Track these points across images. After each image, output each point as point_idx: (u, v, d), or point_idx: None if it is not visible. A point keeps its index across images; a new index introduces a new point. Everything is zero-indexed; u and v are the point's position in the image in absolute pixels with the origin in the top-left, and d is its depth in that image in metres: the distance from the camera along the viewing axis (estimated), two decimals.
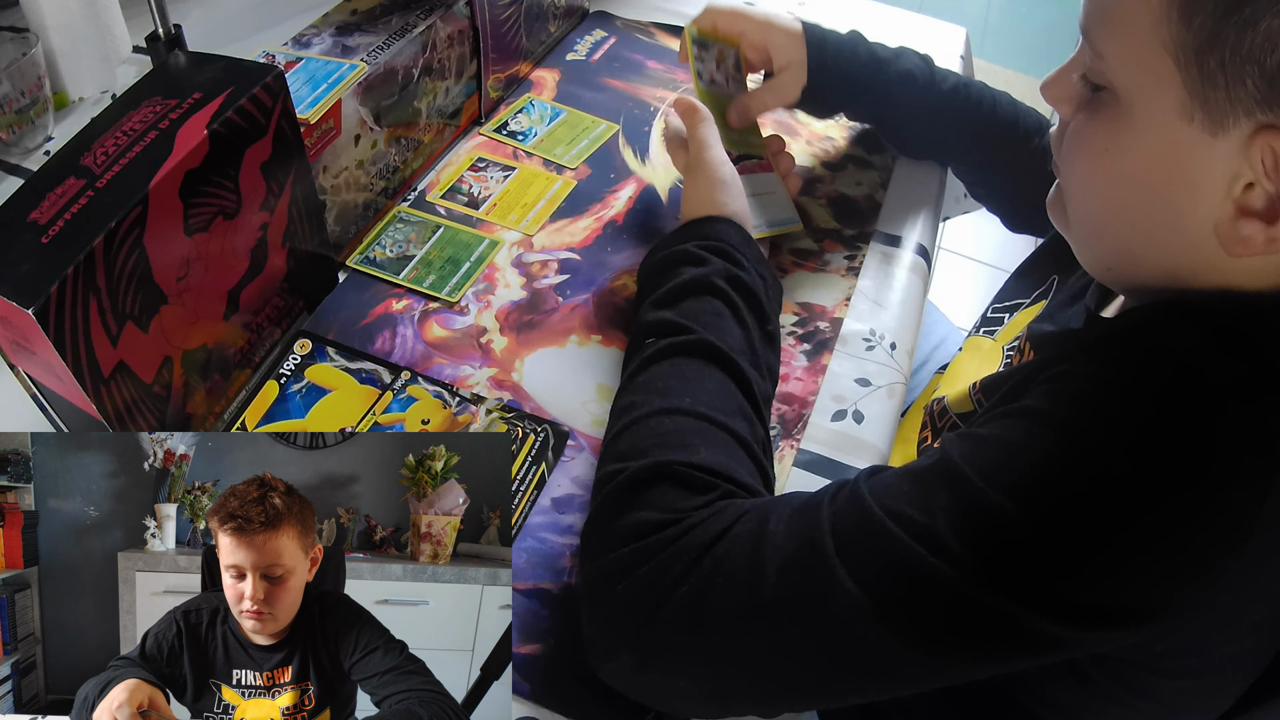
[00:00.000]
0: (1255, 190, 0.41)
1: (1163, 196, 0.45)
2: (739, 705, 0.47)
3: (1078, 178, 0.51)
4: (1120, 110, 0.45)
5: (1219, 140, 0.41)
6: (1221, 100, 0.40)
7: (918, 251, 0.84)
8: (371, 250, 0.78)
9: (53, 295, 0.46)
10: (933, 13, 1.11)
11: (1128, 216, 0.48)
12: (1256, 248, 0.42)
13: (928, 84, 0.82)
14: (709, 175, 0.70)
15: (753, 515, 0.46)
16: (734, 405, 0.55)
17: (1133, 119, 0.45)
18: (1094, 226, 0.51)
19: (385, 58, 0.74)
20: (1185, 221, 0.45)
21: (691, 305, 0.60)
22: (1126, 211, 0.48)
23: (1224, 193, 0.42)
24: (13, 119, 0.77)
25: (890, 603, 0.41)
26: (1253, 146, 0.40)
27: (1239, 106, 0.40)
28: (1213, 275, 0.46)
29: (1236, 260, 0.44)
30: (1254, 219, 0.42)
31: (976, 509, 0.41)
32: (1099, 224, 0.51)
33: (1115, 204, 0.48)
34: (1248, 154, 0.40)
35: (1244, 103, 0.40)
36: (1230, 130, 0.41)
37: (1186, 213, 0.44)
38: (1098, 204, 0.50)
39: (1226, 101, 0.40)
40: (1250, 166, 0.41)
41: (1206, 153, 0.42)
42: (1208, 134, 0.42)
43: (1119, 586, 0.40)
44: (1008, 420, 0.44)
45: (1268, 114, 0.39)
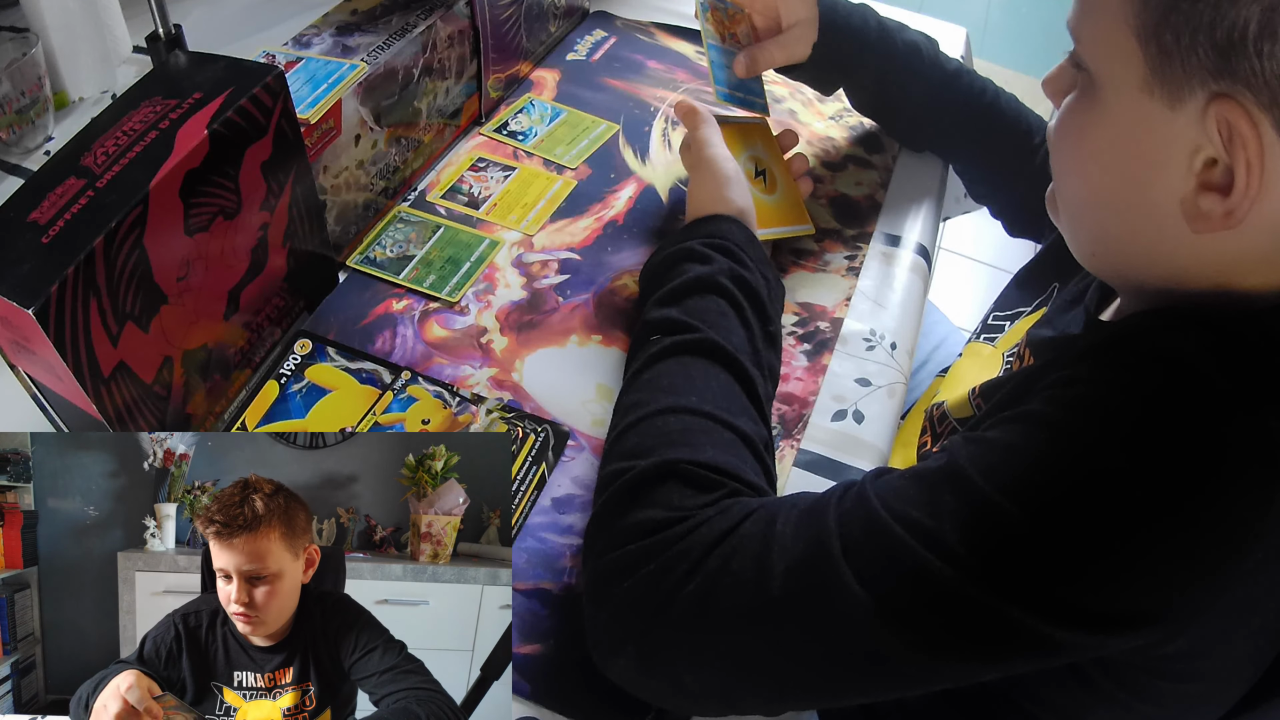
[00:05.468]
0: (1217, 167, 0.42)
1: (1130, 174, 0.46)
2: (742, 704, 0.47)
3: (1060, 160, 0.52)
4: (1094, 90, 0.47)
5: (1178, 113, 0.42)
6: (1178, 72, 0.42)
7: (918, 251, 0.84)
8: (372, 250, 0.78)
9: (53, 295, 0.46)
10: (933, 13, 1.11)
11: (1102, 196, 0.49)
12: (1216, 222, 0.43)
13: (932, 61, 0.82)
14: (713, 173, 0.70)
15: (760, 515, 0.47)
16: (739, 405, 0.55)
17: (1104, 97, 0.46)
18: (1076, 210, 0.52)
19: (385, 58, 0.74)
20: (1153, 200, 0.45)
21: (696, 303, 0.60)
22: (1101, 191, 0.49)
23: (1186, 167, 0.43)
24: (13, 119, 0.77)
25: (895, 605, 0.41)
26: (1208, 117, 0.41)
27: (1194, 78, 0.41)
28: (1203, 273, 0.46)
29: (1212, 249, 0.45)
30: (1213, 193, 0.42)
31: (981, 512, 0.41)
32: (1079, 206, 0.52)
33: (1091, 183, 0.49)
34: (1204, 125, 0.41)
35: (1198, 74, 0.41)
36: (1187, 102, 0.42)
37: (1153, 190, 0.45)
38: (1077, 185, 0.51)
39: (1182, 73, 0.41)
40: (1209, 138, 0.42)
41: (1167, 127, 0.43)
42: (1167, 107, 0.43)
43: (1122, 591, 0.40)
44: (1013, 425, 0.44)
45: (1220, 83, 0.40)
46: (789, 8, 0.79)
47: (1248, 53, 0.39)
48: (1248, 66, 0.39)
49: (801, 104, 0.98)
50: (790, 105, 0.98)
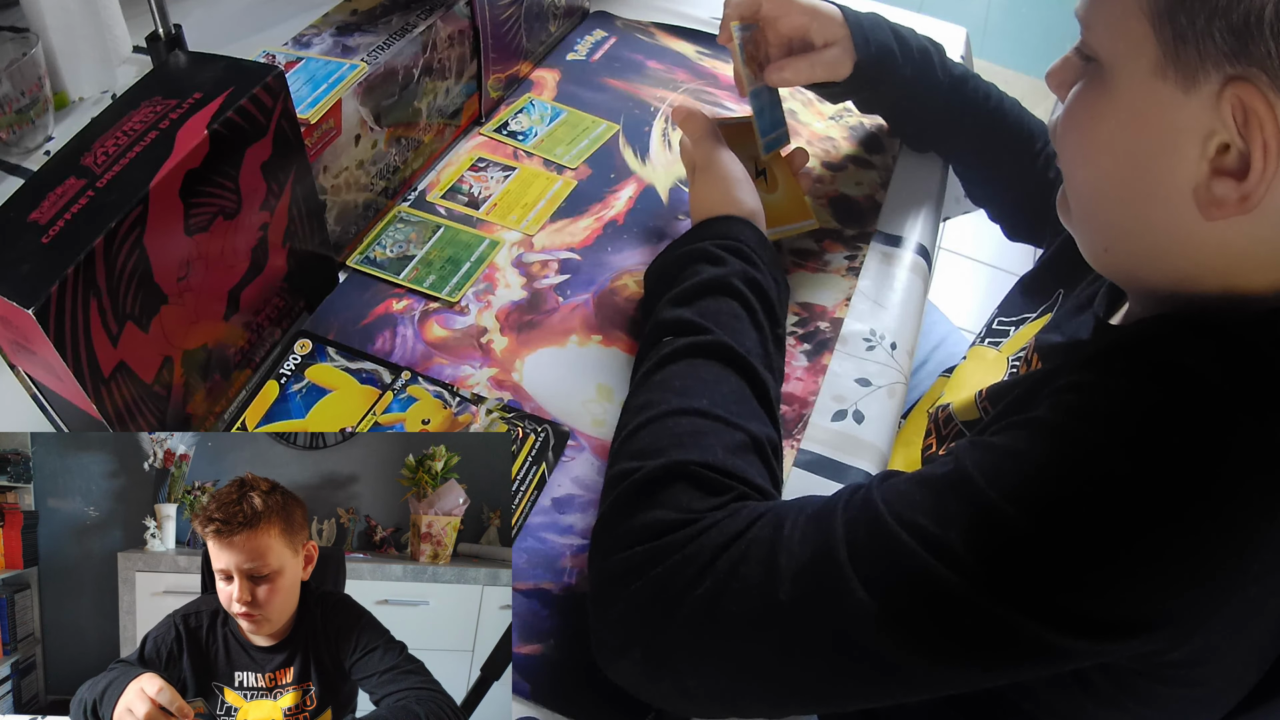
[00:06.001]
0: (1230, 152, 0.42)
1: (1142, 161, 0.46)
2: (746, 707, 0.47)
3: (1068, 153, 0.51)
4: (1104, 78, 0.46)
5: (1191, 97, 0.42)
6: (1192, 56, 0.41)
7: (918, 251, 0.84)
8: (372, 250, 0.78)
9: (53, 295, 0.46)
10: (933, 13, 1.11)
11: (1114, 188, 0.48)
12: (1231, 208, 0.42)
13: (941, 67, 0.82)
14: (721, 174, 0.70)
15: (768, 519, 0.47)
16: (749, 408, 0.55)
17: (1114, 84, 0.46)
18: (1087, 205, 0.52)
19: (385, 58, 0.74)
20: (1165, 188, 0.45)
21: (709, 305, 0.60)
22: (1113, 182, 0.48)
23: (1199, 152, 0.43)
24: (13, 119, 0.77)
25: (900, 611, 0.42)
26: (1223, 100, 0.41)
27: (1208, 60, 0.41)
28: (1212, 271, 0.46)
29: (1222, 241, 0.44)
30: (1227, 178, 0.42)
31: (986, 518, 0.41)
32: (1090, 201, 0.51)
33: (1102, 174, 0.49)
34: (1219, 109, 0.41)
35: (1213, 56, 0.41)
36: (1201, 85, 0.42)
37: (1165, 178, 0.45)
38: (1087, 177, 0.51)
39: (1197, 57, 0.41)
40: (1223, 123, 0.41)
41: (1180, 111, 0.43)
42: (1180, 91, 0.42)
43: (1125, 598, 0.40)
44: (1020, 430, 0.44)
45: (1235, 66, 0.40)
46: (822, 28, 0.78)
47: (1264, 35, 0.39)
48: (1264, 49, 0.39)
49: (801, 104, 0.98)
50: (790, 105, 0.98)
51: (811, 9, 0.78)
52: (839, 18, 0.78)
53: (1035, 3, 2.89)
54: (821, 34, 0.78)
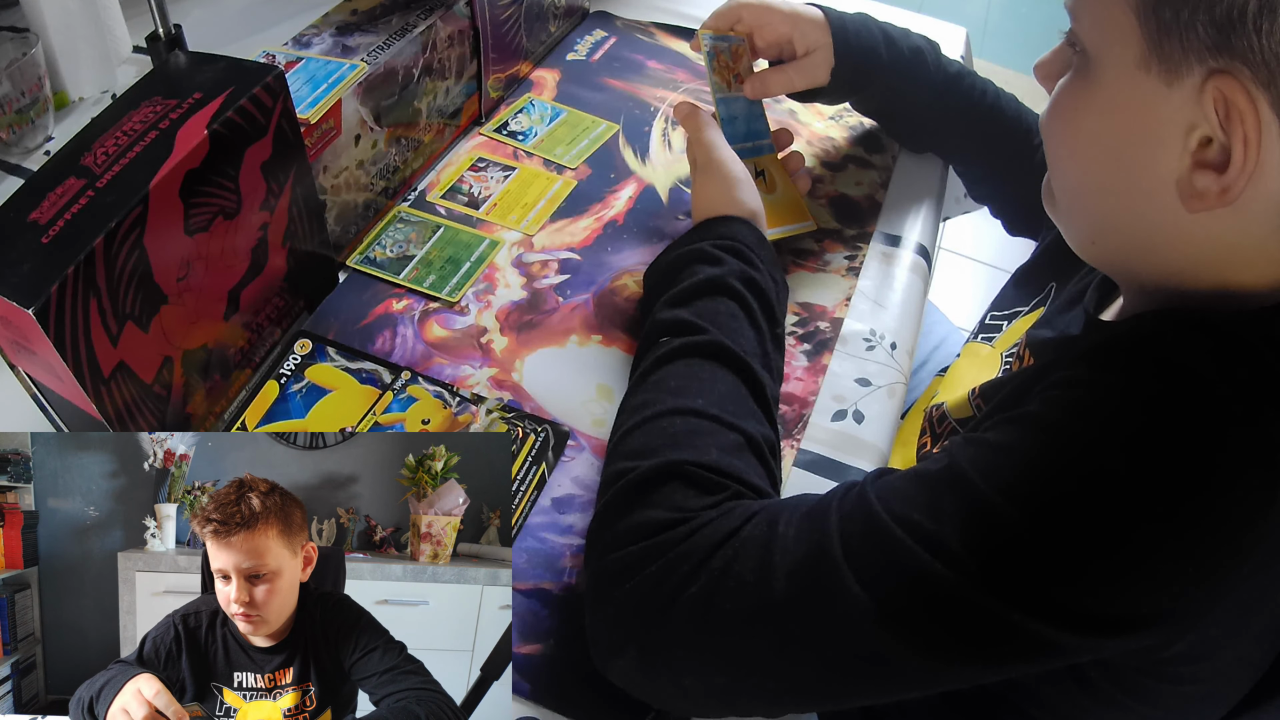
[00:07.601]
0: (1212, 145, 0.42)
1: (1125, 154, 0.46)
2: (743, 705, 0.47)
3: (1054, 144, 0.52)
4: (1089, 69, 0.47)
5: (1174, 90, 0.43)
6: (1176, 49, 0.42)
7: (918, 251, 0.84)
8: (372, 250, 0.78)
9: (53, 295, 0.46)
10: (933, 13, 1.11)
11: (1098, 180, 0.49)
12: (1211, 200, 0.43)
13: (935, 65, 0.82)
14: (722, 175, 0.70)
15: (762, 517, 0.47)
16: (746, 408, 0.55)
17: (1099, 76, 0.46)
18: (1072, 197, 0.52)
19: (385, 58, 0.74)
20: (1148, 181, 0.45)
21: (706, 305, 0.60)
22: (1097, 174, 0.49)
23: (1181, 145, 0.43)
24: (13, 119, 0.77)
25: (895, 607, 0.42)
26: (1205, 93, 0.41)
27: (1191, 54, 0.41)
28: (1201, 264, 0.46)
29: (1208, 235, 0.44)
30: (1209, 170, 0.43)
31: (980, 514, 0.41)
32: (1075, 193, 0.52)
33: (1086, 166, 0.49)
34: (1201, 102, 0.42)
35: (1196, 50, 0.41)
36: (1184, 78, 0.42)
37: (1148, 170, 0.45)
38: (1071, 169, 0.51)
39: (1180, 50, 0.42)
40: (1205, 116, 0.42)
41: (1163, 104, 0.43)
42: (1164, 84, 0.43)
43: (1120, 594, 0.40)
44: (1013, 426, 0.44)
45: (1218, 60, 0.40)
46: (804, 36, 0.78)
47: (1247, 30, 0.39)
48: (1246, 44, 0.39)
49: (800, 104, 0.98)
50: (789, 105, 0.98)
51: (793, 16, 0.78)
52: (821, 22, 0.78)
53: (1035, 3, 2.88)
54: (804, 41, 0.78)
